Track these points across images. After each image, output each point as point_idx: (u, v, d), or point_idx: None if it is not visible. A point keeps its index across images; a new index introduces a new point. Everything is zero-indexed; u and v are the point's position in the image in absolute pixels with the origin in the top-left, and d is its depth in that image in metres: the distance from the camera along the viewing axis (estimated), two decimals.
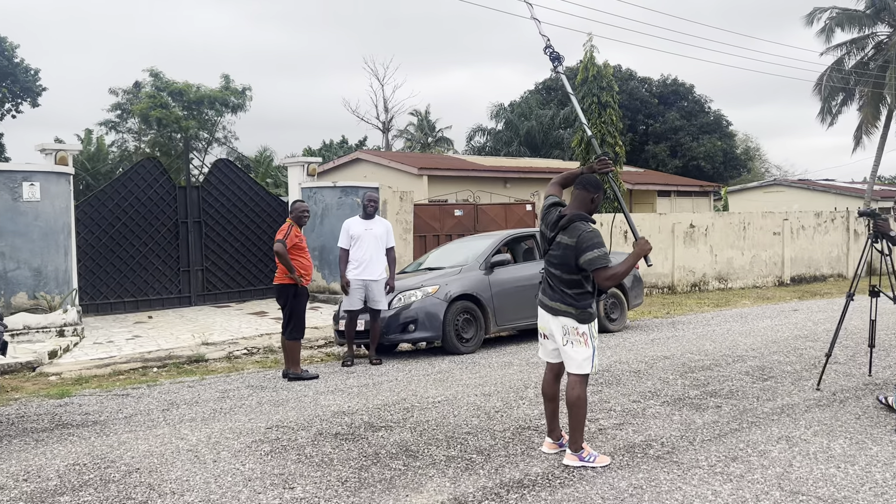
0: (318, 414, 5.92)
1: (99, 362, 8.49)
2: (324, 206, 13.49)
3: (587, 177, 4.70)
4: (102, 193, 12.16)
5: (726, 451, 4.73)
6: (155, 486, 4.26)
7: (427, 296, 8.84)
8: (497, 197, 20.24)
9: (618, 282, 4.61)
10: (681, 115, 38.84)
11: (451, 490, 4.12)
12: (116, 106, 34.03)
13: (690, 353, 8.39)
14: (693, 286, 17.74)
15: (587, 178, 4.68)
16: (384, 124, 43.07)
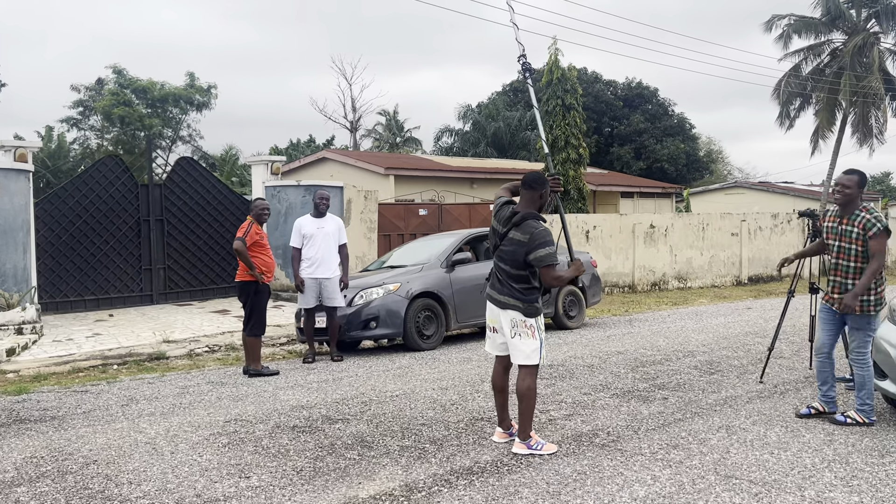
0: (277, 408, 6.02)
1: (58, 360, 8.47)
2: (288, 205, 13.54)
3: (531, 175, 4.87)
4: (63, 191, 12.06)
5: (668, 439, 4.96)
6: (112, 477, 4.34)
7: (388, 293, 8.97)
8: (463, 197, 20.44)
9: (560, 284, 4.79)
10: (645, 117, 39.49)
11: (403, 477, 4.27)
12: (79, 103, 33.53)
13: (643, 349, 8.65)
14: (653, 285, 18.13)
15: (531, 177, 4.84)
16: (352, 124, 43.05)
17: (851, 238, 5.10)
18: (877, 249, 5.03)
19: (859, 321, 5.15)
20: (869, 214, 5.07)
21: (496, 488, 4.09)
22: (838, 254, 5.19)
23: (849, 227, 5.12)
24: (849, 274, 5.15)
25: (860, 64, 31.18)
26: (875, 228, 5.02)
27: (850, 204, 5.15)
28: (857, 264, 5.10)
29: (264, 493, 4.04)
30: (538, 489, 4.07)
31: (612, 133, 39.63)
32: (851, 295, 5.04)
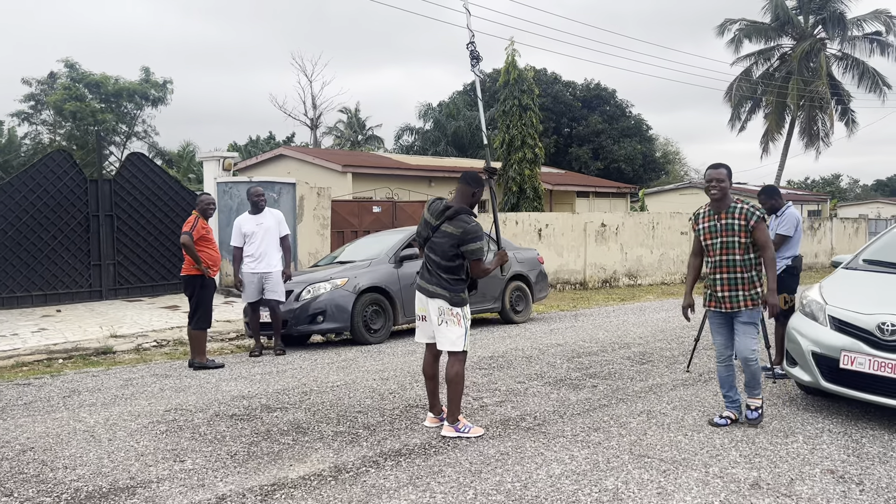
0: (218, 398, 6.16)
1: (1, 354, 8.44)
2: (240, 201, 13.56)
3: (470, 173, 5.12)
4: (9, 185, 11.93)
5: (591, 423, 5.23)
6: (48, 462, 4.44)
7: (336, 288, 9.13)
8: (420, 195, 20.63)
9: (485, 276, 5.03)
10: (603, 118, 40.14)
11: (334, 460, 4.46)
12: (30, 97, 32.93)
13: (582, 341, 8.96)
14: (604, 282, 18.54)
15: (470, 175, 5.09)
16: (312, 121, 42.91)
17: (734, 231, 4.95)
18: (764, 238, 4.95)
19: (753, 315, 5.03)
20: (745, 204, 4.97)
21: (421, 468, 4.31)
22: (722, 250, 5.01)
23: (729, 220, 4.98)
24: (737, 268, 4.97)
25: (807, 69, 32.23)
26: (755, 217, 4.92)
27: (725, 198, 5.02)
28: (743, 256, 4.97)
29: (197, 475, 4.19)
30: (461, 468, 4.29)
31: (571, 133, 40.20)
32: (771, 293, 5.00)
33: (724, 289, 5.04)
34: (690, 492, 3.92)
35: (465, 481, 4.08)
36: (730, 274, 5.01)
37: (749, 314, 5.02)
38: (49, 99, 31.84)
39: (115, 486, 4.03)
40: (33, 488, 4.02)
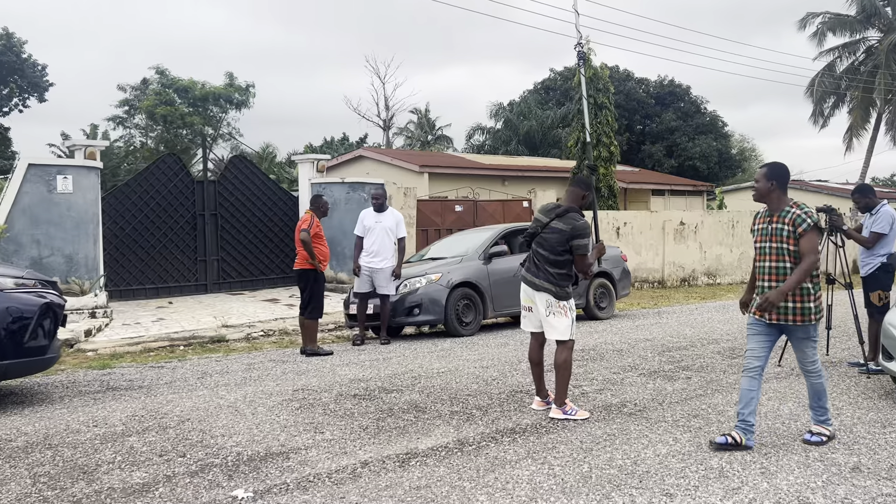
0: (337, 381, 6.74)
1: (130, 340, 9.28)
2: (332, 201, 14.24)
3: (581, 177, 5.55)
4: (126, 187, 12.96)
5: (690, 410, 5.55)
6: (206, 431, 5.07)
7: (431, 282, 9.65)
8: (495, 194, 21.05)
9: (588, 269, 5.43)
10: (677, 115, 39.67)
11: (455, 435, 4.94)
12: (124, 102, 34.78)
13: (670, 337, 9.22)
14: (683, 281, 18.57)
15: (581, 179, 5.53)
16: (385, 122, 43.84)
17: (782, 237, 4.59)
18: (808, 248, 4.52)
19: (805, 331, 4.65)
20: (799, 210, 4.59)
21: (536, 444, 4.73)
22: (771, 255, 4.65)
23: (779, 224, 4.61)
24: (783, 277, 4.59)
25: (895, 62, 31.10)
26: (805, 224, 4.52)
27: (772, 200, 4.67)
28: (791, 265, 4.57)
29: (338, 444, 4.73)
30: (573, 446, 4.70)
31: (644, 131, 39.89)
32: (778, 291, 4.52)
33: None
34: (793, 472, 4.21)
35: (579, 457, 4.48)
36: (780, 282, 4.60)
37: (804, 330, 4.65)
38: (142, 104, 33.63)
39: (270, 452, 4.60)
40: (201, 451, 4.63)
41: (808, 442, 4.69)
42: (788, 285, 4.52)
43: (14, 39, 34.05)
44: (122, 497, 3.83)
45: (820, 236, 4.62)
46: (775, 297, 4.53)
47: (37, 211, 10.53)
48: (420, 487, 3.95)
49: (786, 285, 4.53)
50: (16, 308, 5.53)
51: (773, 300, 4.53)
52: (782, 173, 4.69)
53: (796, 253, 4.58)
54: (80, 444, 4.76)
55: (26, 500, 3.79)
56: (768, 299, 4.53)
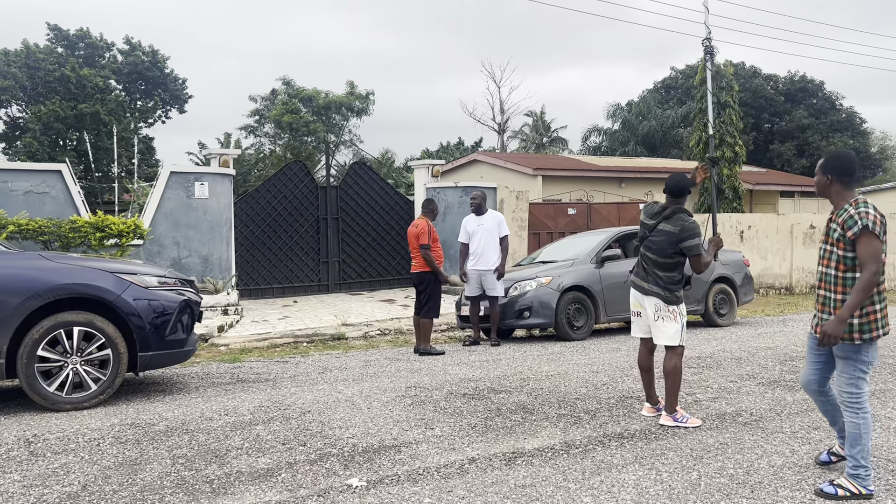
0: (448, 379, 6.94)
1: (258, 336, 9.91)
2: (446, 205, 14.60)
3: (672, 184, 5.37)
4: (256, 192, 13.84)
5: (810, 422, 5.33)
6: (326, 423, 5.39)
7: (541, 286, 9.70)
8: (611, 196, 20.72)
9: (705, 269, 5.31)
10: (809, 112, 37.51)
11: (562, 437, 4.99)
12: (255, 112, 36.87)
13: (794, 346, 8.81)
14: (812, 287, 17.56)
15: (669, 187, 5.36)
16: (500, 126, 44.05)
17: (833, 239, 3.97)
18: (863, 255, 3.82)
19: (842, 350, 3.95)
20: (855, 209, 3.87)
21: (644, 450, 4.71)
22: (821, 258, 4.09)
23: (833, 224, 4.00)
24: (832, 285, 3.98)
25: None
26: (856, 227, 3.81)
27: (832, 196, 4.05)
28: (840, 273, 3.93)
29: (447, 441, 4.91)
30: (683, 453, 4.64)
31: (772, 129, 37.97)
32: (835, 321, 3.82)
33: (819, 308, 4.09)
34: None
35: (688, 464, 4.43)
36: (826, 291, 4.03)
37: (841, 349, 3.94)
38: (270, 114, 35.53)
39: (383, 444, 4.84)
40: (320, 441, 4.94)
41: (820, 493, 3.87)
42: (847, 310, 3.81)
43: (158, 56, 36.93)
44: (249, 480, 4.17)
45: (879, 240, 3.82)
46: (833, 329, 3.83)
47: (177, 215, 11.44)
48: (525, 486, 4.05)
49: (844, 310, 3.82)
50: (159, 304, 6.09)
51: (832, 332, 3.82)
52: (841, 165, 4.02)
53: (846, 259, 3.90)
54: (212, 431, 5.19)
55: (167, 478, 4.20)
56: (826, 332, 3.84)
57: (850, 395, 3.96)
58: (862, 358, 3.92)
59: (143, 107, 37.82)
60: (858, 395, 3.94)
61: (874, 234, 3.79)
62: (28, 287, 5.58)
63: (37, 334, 5.62)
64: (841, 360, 3.99)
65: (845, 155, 4.13)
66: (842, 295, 3.92)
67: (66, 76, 32.12)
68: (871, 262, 3.79)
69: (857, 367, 3.94)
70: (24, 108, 33.59)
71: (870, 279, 3.78)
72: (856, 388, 3.94)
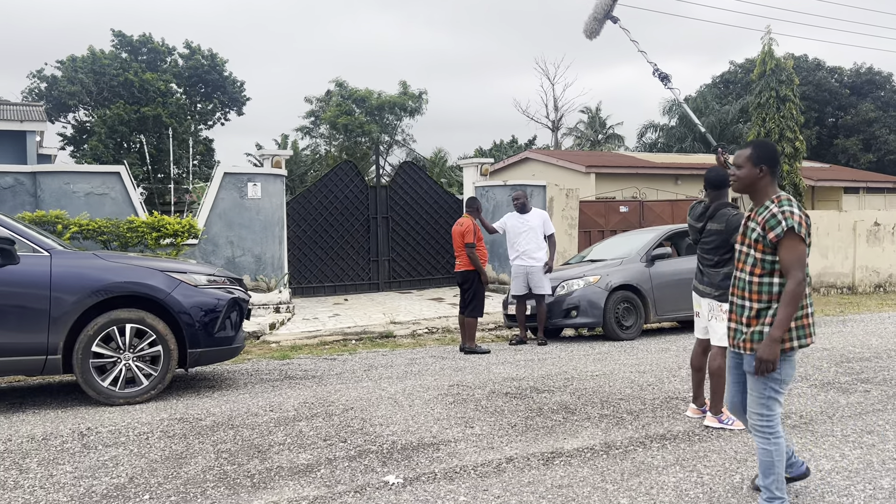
0: (491, 378, 6.93)
1: (308, 334, 10.08)
2: (495, 203, 14.57)
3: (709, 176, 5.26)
4: (308, 192, 14.08)
5: (863, 426, 5.14)
6: (367, 420, 5.45)
7: (589, 285, 9.59)
8: (666, 194, 20.34)
9: None
10: (876, 105, 36.13)
11: (603, 437, 4.94)
12: (310, 113, 37.50)
13: (852, 347, 8.50)
14: (877, 287, 16.91)
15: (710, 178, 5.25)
16: (553, 123, 43.71)
17: (751, 240, 3.47)
18: (787, 261, 3.34)
19: (749, 363, 3.45)
20: (778, 207, 3.38)
21: (686, 452, 4.62)
22: (738, 262, 3.58)
23: (752, 224, 3.50)
24: (746, 292, 3.47)
25: None
26: (779, 228, 3.34)
27: (758, 192, 3.54)
28: (756, 278, 3.44)
29: (486, 439, 4.91)
30: (726, 455, 4.54)
31: (836, 124, 36.67)
32: (768, 343, 3.30)
33: (732, 317, 3.58)
34: None
35: (731, 467, 4.33)
36: (740, 299, 3.51)
37: (750, 361, 3.43)
38: (325, 115, 36.08)
39: (423, 442, 4.87)
40: (360, 438, 5.00)
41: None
42: (778, 328, 3.29)
43: (217, 59, 37.90)
44: (289, 475, 4.25)
45: (804, 243, 3.35)
46: (769, 353, 3.29)
47: (231, 215, 11.72)
48: (562, 486, 4.02)
49: (774, 329, 3.30)
50: (208, 302, 6.25)
51: (768, 356, 3.29)
52: (773, 155, 3.53)
53: (764, 263, 3.41)
54: (257, 426, 5.31)
55: (210, 472, 4.32)
56: (762, 359, 3.30)
57: (760, 418, 3.43)
58: (775, 376, 3.38)
59: (203, 109, 38.91)
60: (770, 417, 3.42)
61: (799, 236, 3.33)
62: (83, 285, 5.81)
63: (91, 331, 5.85)
64: (752, 377, 3.44)
65: (772, 144, 3.65)
66: (757, 303, 3.41)
67: (129, 80, 33.28)
68: (797, 268, 3.31)
69: (768, 385, 3.40)
70: (90, 112, 34.92)
71: (796, 289, 3.29)
72: (767, 410, 3.42)
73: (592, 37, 5.62)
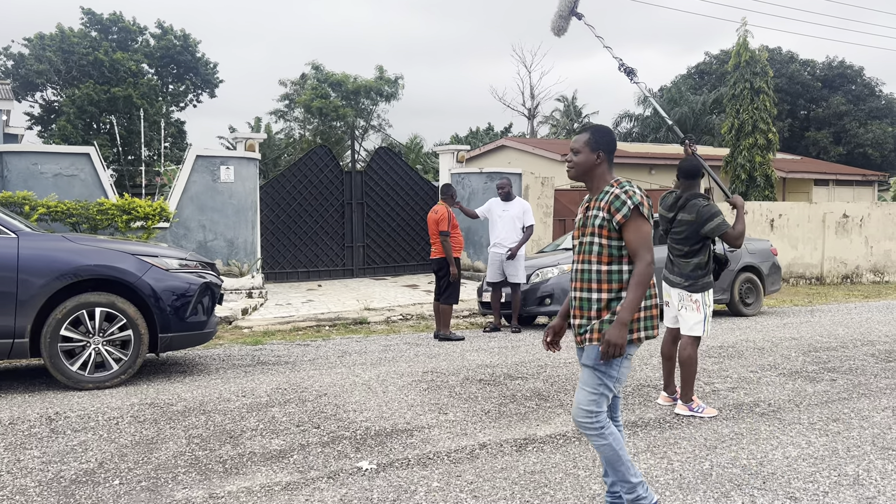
0: (465, 365, 6.95)
1: (281, 320, 10.01)
2: (471, 191, 14.56)
3: (682, 166, 5.33)
4: (282, 176, 13.94)
5: (829, 414, 5.24)
6: (340, 406, 5.44)
7: (563, 273, 9.64)
8: (640, 183, 20.48)
9: (742, 238, 5.21)
10: (847, 99, 36.66)
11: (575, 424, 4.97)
12: (285, 97, 37.05)
13: (819, 336, 8.66)
14: (844, 278, 17.23)
15: (683, 168, 5.32)
16: (530, 111, 43.73)
17: (595, 227, 3.22)
18: (634, 242, 3.13)
19: (591, 354, 3.16)
20: (620, 189, 3.18)
21: (657, 439, 4.68)
22: (580, 255, 3.29)
23: (594, 210, 3.24)
24: (593, 283, 3.20)
25: None
26: (625, 208, 3.13)
27: (595, 179, 3.30)
28: (605, 266, 3.19)
29: (459, 426, 4.92)
30: (696, 443, 4.60)
31: (808, 116, 37.19)
32: (616, 326, 3.05)
33: (576, 312, 3.28)
34: None
35: (701, 454, 4.39)
36: (584, 292, 3.23)
37: (591, 353, 3.16)
38: (299, 99, 35.68)
39: (396, 428, 4.87)
40: (334, 424, 4.98)
41: None
42: (626, 311, 3.07)
43: (190, 40, 37.26)
44: (262, 461, 4.22)
45: (649, 224, 3.17)
46: (616, 336, 3.04)
47: (203, 199, 11.57)
48: (534, 472, 4.05)
49: (623, 312, 3.07)
50: (179, 286, 6.18)
51: (615, 339, 3.03)
52: (611, 140, 3.31)
53: (611, 249, 3.19)
54: (229, 412, 5.27)
55: (181, 458, 4.28)
56: (608, 341, 3.04)
57: (588, 416, 3.15)
58: (611, 372, 3.15)
59: (175, 91, 38.26)
60: (598, 414, 3.15)
61: (644, 216, 3.14)
62: (51, 268, 5.70)
63: (60, 314, 5.75)
64: (586, 371, 3.18)
65: (609, 129, 3.36)
66: (607, 293, 3.17)
67: (99, 60, 32.59)
68: (645, 249, 3.13)
69: (602, 380, 3.14)
70: (58, 91, 34.18)
71: (645, 270, 3.10)
72: (597, 407, 3.14)
73: (560, 34, 5.63)
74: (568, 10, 5.54)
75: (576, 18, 5.56)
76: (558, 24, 5.57)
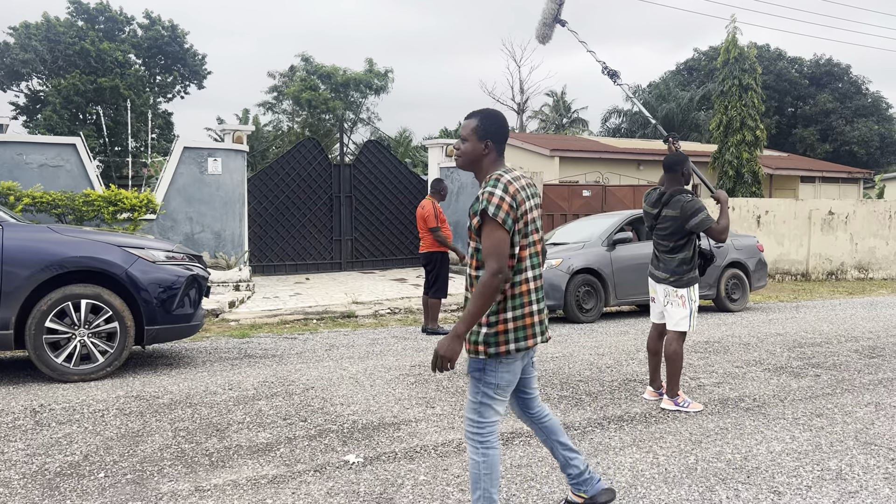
0: None
1: (269, 312, 9.98)
2: (460, 185, 14.56)
3: (668, 158, 5.37)
4: (270, 169, 13.87)
5: (813, 409, 5.29)
6: (328, 399, 5.43)
7: (550, 268, 9.66)
8: (629, 179, 20.55)
9: (726, 233, 5.22)
10: (834, 97, 36.89)
11: (561, 418, 4.99)
12: (273, 88, 36.84)
13: (804, 332, 8.73)
14: (829, 274, 17.38)
15: (667, 161, 5.35)
16: (519, 106, 43.72)
17: (470, 229, 2.98)
18: (483, 247, 2.87)
19: (471, 365, 2.99)
20: (483, 188, 2.92)
21: (643, 433, 4.71)
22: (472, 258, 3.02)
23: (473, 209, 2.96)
24: (471, 289, 3.00)
25: None
26: (478, 208, 2.88)
27: (482, 169, 3.04)
28: (473, 272, 3.00)
29: (446, 419, 4.93)
30: (682, 437, 4.63)
31: (796, 113, 37.41)
32: (449, 337, 2.82)
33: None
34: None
35: (686, 448, 4.42)
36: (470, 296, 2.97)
37: (471, 363, 3.00)
38: (288, 90, 35.50)
39: (383, 422, 4.87)
40: (321, 418, 4.98)
41: None
42: (463, 323, 2.80)
43: (178, 31, 36.96)
44: (248, 454, 4.21)
45: (504, 230, 2.85)
46: (445, 348, 2.80)
47: (190, 190, 11.50)
48: (521, 466, 4.06)
49: (459, 323, 2.81)
50: (166, 278, 6.14)
51: (444, 351, 2.80)
52: (502, 128, 3.02)
53: (478, 254, 2.95)
54: (215, 405, 5.25)
55: (167, 450, 4.26)
56: (436, 352, 2.82)
57: (470, 424, 2.99)
58: (488, 379, 2.94)
59: (163, 82, 37.94)
60: (482, 424, 2.97)
61: (496, 221, 2.83)
62: (36, 259, 5.66)
63: (45, 306, 5.70)
64: (470, 380, 3.02)
65: (499, 114, 3.05)
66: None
67: (86, 50, 32.27)
68: (491, 258, 2.81)
69: (481, 389, 2.97)
70: (44, 81, 33.83)
71: (489, 282, 2.78)
72: (479, 417, 2.97)
73: (545, 41, 5.67)
74: (552, 18, 5.59)
75: (559, 25, 5.59)
76: (542, 31, 5.61)
